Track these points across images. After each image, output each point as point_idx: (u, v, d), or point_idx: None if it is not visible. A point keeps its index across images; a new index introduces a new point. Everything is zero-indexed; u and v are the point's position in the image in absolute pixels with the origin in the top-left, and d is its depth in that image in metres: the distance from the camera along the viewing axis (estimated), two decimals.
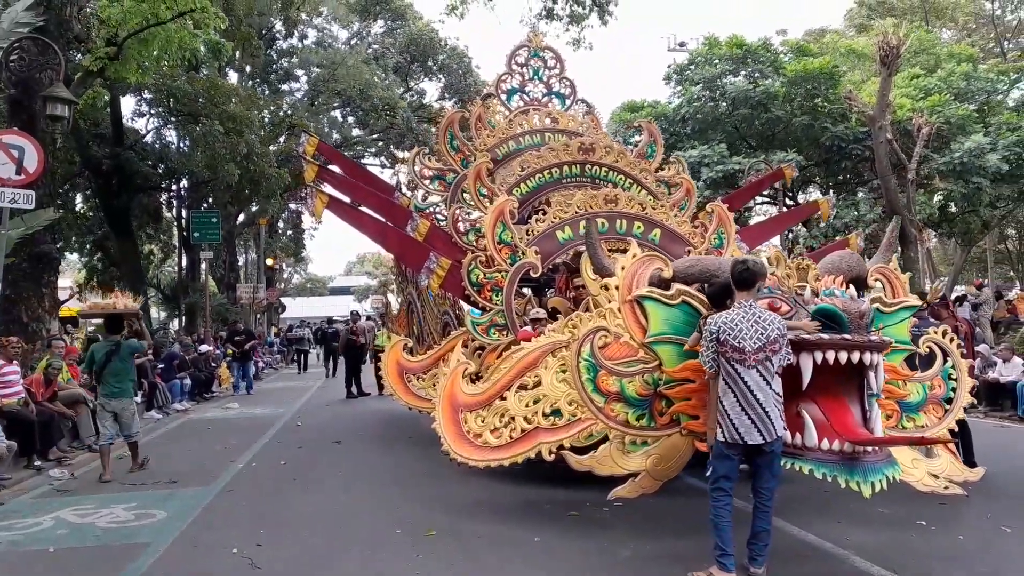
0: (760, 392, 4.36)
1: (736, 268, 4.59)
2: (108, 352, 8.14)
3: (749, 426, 4.36)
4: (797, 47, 24.09)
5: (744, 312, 4.49)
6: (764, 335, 4.38)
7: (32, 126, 11.60)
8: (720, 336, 4.46)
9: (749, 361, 4.37)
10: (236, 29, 19.42)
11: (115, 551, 5.37)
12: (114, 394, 8.13)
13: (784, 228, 17.59)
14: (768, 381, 4.38)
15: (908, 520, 5.75)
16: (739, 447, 4.42)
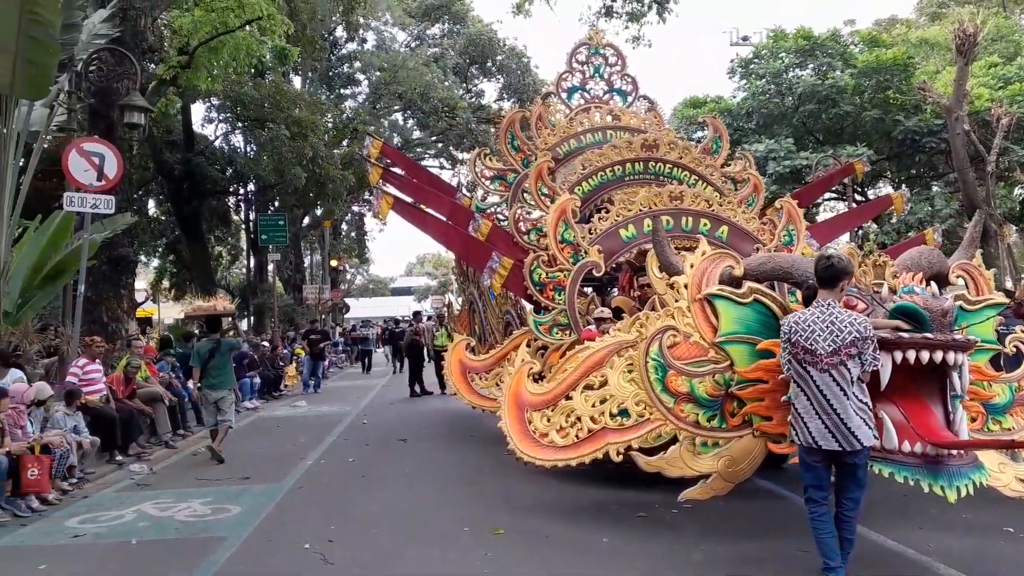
0: (834, 398, 4.13)
1: (820, 264, 4.35)
2: (211, 349, 9.08)
3: (823, 431, 4.16)
4: (868, 38, 23.34)
5: (820, 312, 4.26)
6: (839, 338, 4.13)
7: (110, 134, 12.09)
8: (791, 336, 4.28)
9: (821, 364, 4.15)
10: (300, 34, 19.85)
11: (193, 544, 5.53)
12: (215, 386, 9.04)
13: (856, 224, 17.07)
14: (843, 387, 4.13)
15: (994, 527, 5.49)
16: (818, 452, 4.21)
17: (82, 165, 9.62)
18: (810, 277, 5.31)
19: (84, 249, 9.55)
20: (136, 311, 16.48)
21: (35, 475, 6.75)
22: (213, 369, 9.02)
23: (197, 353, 9.28)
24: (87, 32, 10.58)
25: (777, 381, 5.18)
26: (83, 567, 5.17)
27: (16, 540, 5.89)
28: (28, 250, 9.63)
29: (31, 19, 7.63)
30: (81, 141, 10.07)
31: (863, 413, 4.15)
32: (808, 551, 4.99)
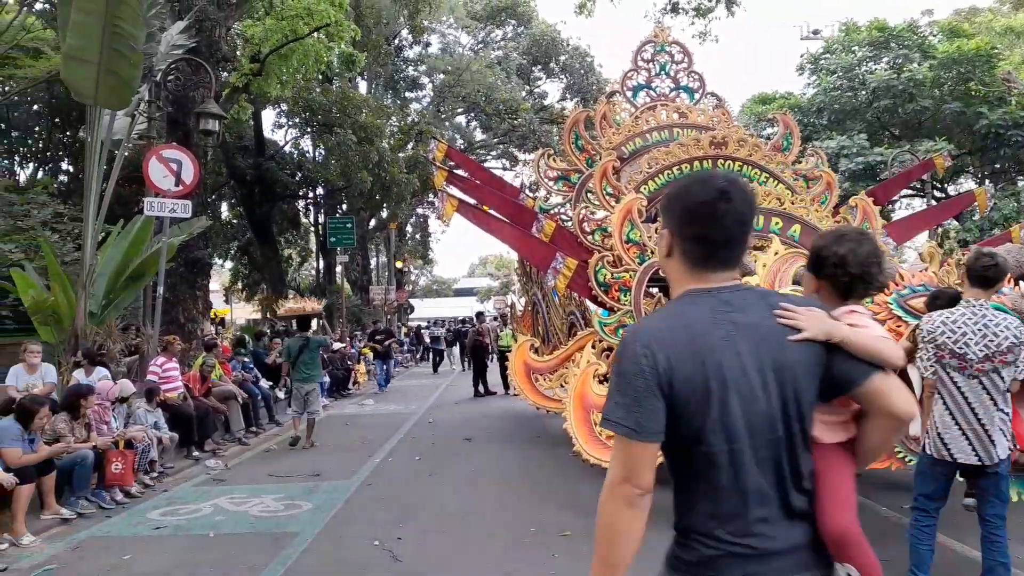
0: (980, 407, 3.79)
1: (980, 261, 3.86)
2: (300, 346, 9.94)
3: (961, 442, 3.84)
4: (948, 28, 22.41)
5: (971, 313, 3.84)
6: (993, 343, 3.74)
7: (187, 141, 12.53)
8: (937, 338, 3.87)
9: (971, 370, 3.79)
10: (367, 39, 20.22)
11: (267, 539, 5.68)
12: (304, 379, 9.86)
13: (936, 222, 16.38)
14: (993, 396, 3.79)
15: None
16: (946, 465, 3.92)
17: (161, 171, 9.99)
18: (888, 277, 5.14)
19: (163, 252, 9.91)
20: (211, 311, 17.05)
21: (119, 469, 7.04)
22: (303, 364, 9.85)
23: (288, 350, 10.19)
24: (165, 43, 10.98)
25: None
26: (164, 558, 5.36)
27: (102, 531, 6.15)
28: (111, 253, 10.05)
29: (114, 32, 7.96)
30: (160, 148, 10.47)
31: (1004, 425, 3.85)
32: (889, 560, 4.82)
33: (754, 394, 1.55)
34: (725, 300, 1.61)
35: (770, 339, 1.58)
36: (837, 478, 1.68)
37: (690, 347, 1.55)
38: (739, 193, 1.61)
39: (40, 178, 18.27)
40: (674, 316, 1.64)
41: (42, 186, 15.44)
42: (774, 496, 1.56)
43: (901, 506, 6.09)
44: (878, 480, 6.74)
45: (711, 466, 1.57)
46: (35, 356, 7.70)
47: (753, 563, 1.55)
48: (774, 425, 1.56)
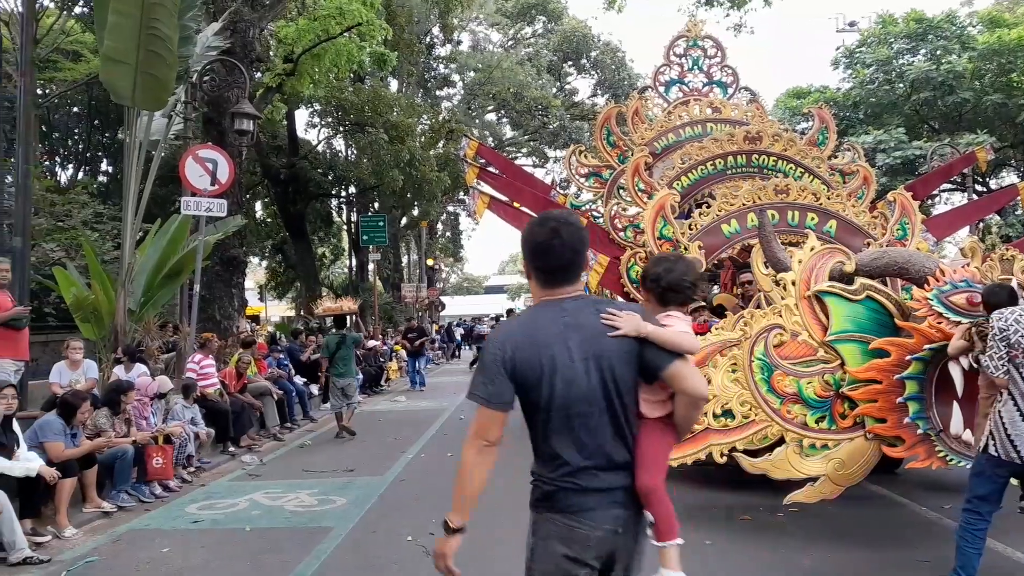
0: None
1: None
2: (337, 342, 10.57)
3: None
4: (989, 18, 21.86)
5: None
6: None
7: (222, 141, 12.71)
8: (1009, 336, 3.80)
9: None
10: (399, 38, 20.32)
11: (302, 533, 5.74)
12: (342, 374, 10.48)
13: (978, 217, 15.97)
14: None
15: None
16: (1011, 467, 3.84)
17: (197, 171, 10.14)
18: (929, 273, 5.03)
19: (199, 250, 10.06)
20: (246, 309, 17.29)
21: (160, 464, 7.17)
22: (339, 360, 10.42)
23: (326, 346, 10.76)
24: (200, 44, 11.13)
25: (892, 382, 4.94)
26: (201, 552, 5.44)
27: (142, 524, 6.27)
28: (149, 252, 10.22)
29: (150, 34, 8.08)
30: (196, 148, 10.62)
31: None
32: (929, 560, 4.73)
33: (577, 376, 2.10)
34: (564, 307, 2.17)
35: (595, 335, 2.12)
36: (654, 445, 2.22)
37: (531, 341, 2.13)
38: (568, 230, 2.15)
39: (80, 179, 18.69)
40: (526, 320, 2.28)
41: (82, 186, 15.80)
42: (597, 450, 2.13)
43: (941, 506, 5.98)
44: (919, 480, 6.62)
45: (547, 427, 2.16)
46: (78, 353, 7.86)
47: (577, 496, 2.13)
48: (595, 399, 2.11)
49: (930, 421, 4.95)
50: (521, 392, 2.15)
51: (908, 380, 4.92)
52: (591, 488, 2.13)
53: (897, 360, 4.93)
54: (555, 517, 2.18)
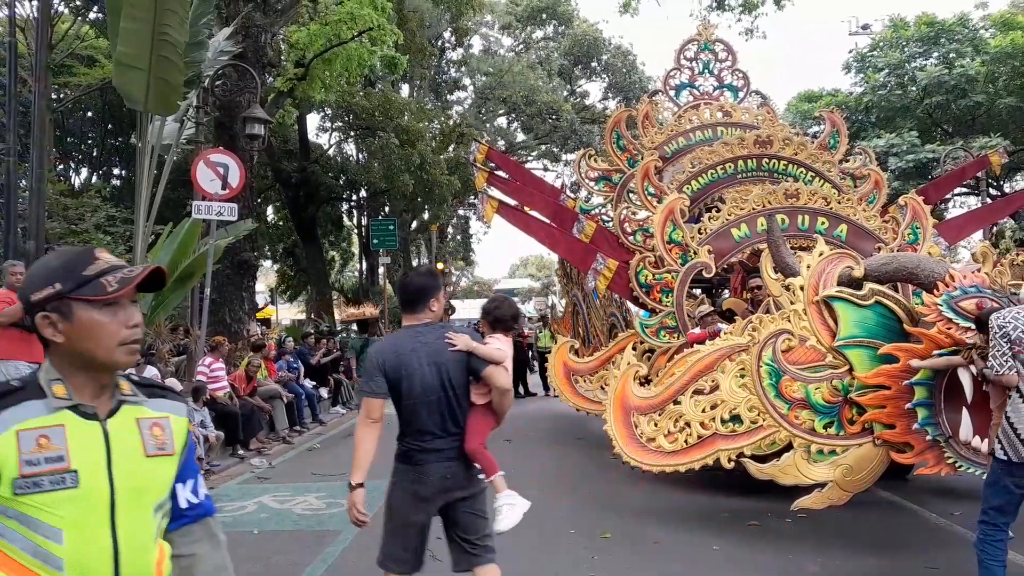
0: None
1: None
2: (362, 345, 11.60)
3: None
4: (1002, 21, 21.71)
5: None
6: None
7: (233, 145, 12.78)
8: (1010, 333, 3.72)
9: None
10: (410, 42, 20.38)
11: (310, 537, 5.75)
12: None
13: (991, 222, 15.86)
14: None
15: None
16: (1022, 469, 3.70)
17: (208, 175, 10.20)
18: (939, 278, 5.00)
19: (210, 254, 10.12)
20: (256, 312, 17.37)
21: None
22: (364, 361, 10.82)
23: (352, 348, 11.92)
24: (212, 49, 11.22)
25: (901, 387, 4.91)
26: None
27: None
28: (161, 255, 10.31)
29: (162, 39, 8.16)
30: (208, 152, 10.69)
31: None
32: (938, 568, 4.69)
33: (425, 377, 3.14)
34: (418, 331, 3.25)
35: (437, 350, 3.17)
36: (478, 422, 3.28)
37: (396, 353, 3.20)
38: (416, 278, 3.40)
39: (94, 182, 18.87)
40: (393, 338, 3.57)
41: (95, 190, 15.94)
42: (438, 425, 3.18)
43: (951, 512, 5.93)
44: (929, 486, 6.57)
45: (407, 410, 3.20)
46: None
47: (421, 454, 3.21)
48: (436, 391, 3.15)
49: (939, 427, 4.90)
50: (390, 386, 3.17)
51: (917, 386, 4.88)
52: (430, 449, 3.20)
53: (906, 366, 4.90)
54: (407, 468, 3.26)
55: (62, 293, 1.46)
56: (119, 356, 1.49)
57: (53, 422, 1.43)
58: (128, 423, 1.52)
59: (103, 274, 1.48)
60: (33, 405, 1.45)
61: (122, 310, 1.50)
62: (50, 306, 1.47)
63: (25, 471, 1.38)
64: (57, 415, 1.45)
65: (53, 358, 1.52)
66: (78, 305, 1.47)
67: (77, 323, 1.47)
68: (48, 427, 1.42)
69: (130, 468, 1.48)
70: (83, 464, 1.42)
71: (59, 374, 1.49)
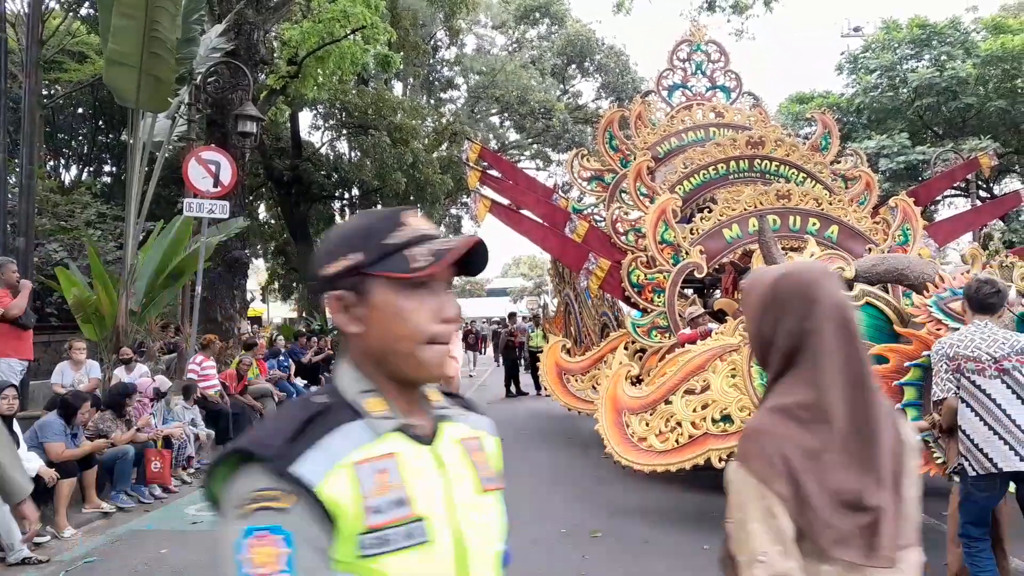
0: (1010, 406, 3.60)
1: (983, 290, 3.81)
2: None
3: (1002, 448, 3.60)
4: (993, 24, 21.85)
5: (977, 329, 3.78)
6: (1006, 346, 3.65)
7: (225, 142, 12.74)
8: (948, 351, 3.77)
9: (990, 371, 3.65)
10: (403, 40, 20.34)
11: None
12: None
13: (980, 224, 15.97)
14: (1020, 396, 3.60)
15: None
16: (994, 479, 3.66)
17: (200, 172, 10.17)
18: (928, 279, 5.03)
19: (201, 252, 10.08)
20: (247, 311, 17.32)
21: (158, 468, 7.19)
22: None
23: None
24: (204, 46, 11.17)
25: (890, 388, 4.93)
26: (200, 552, 5.45)
27: (141, 525, 6.28)
28: (152, 253, 10.25)
29: (152, 36, 8.12)
30: (200, 150, 10.66)
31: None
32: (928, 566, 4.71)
33: None
34: None
35: None
36: None
37: None
38: None
39: (84, 179, 18.76)
40: None
41: (86, 187, 15.85)
42: None
43: (940, 512, 5.95)
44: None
45: None
46: (81, 353, 7.88)
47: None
48: None
49: None
50: None
51: (907, 386, 4.91)
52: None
53: (896, 366, 4.93)
54: None
55: (361, 266, 1.08)
56: (425, 360, 1.08)
57: (384, 451, 1.04)
58: (454, 447, 1.14)
59: (410, 244, 1.08)
60: (353, 428, 1.04)
61: (432, 296, 1.09)
62: (346, 283, 1.09)
63: (371, 521, 0.98)
64: (385, 440, 1.05)
65: (354, 356, 1.12)
66: (377, 284, 1.08)
67: (375, 308, 1.08)
68: (380, 458, 1.03)
69: (472, 510, 1.12)
70: (427, 508, 1.03)
71: (371, 382, 1.10)
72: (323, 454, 0.99)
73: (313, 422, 1.02)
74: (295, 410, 1.07)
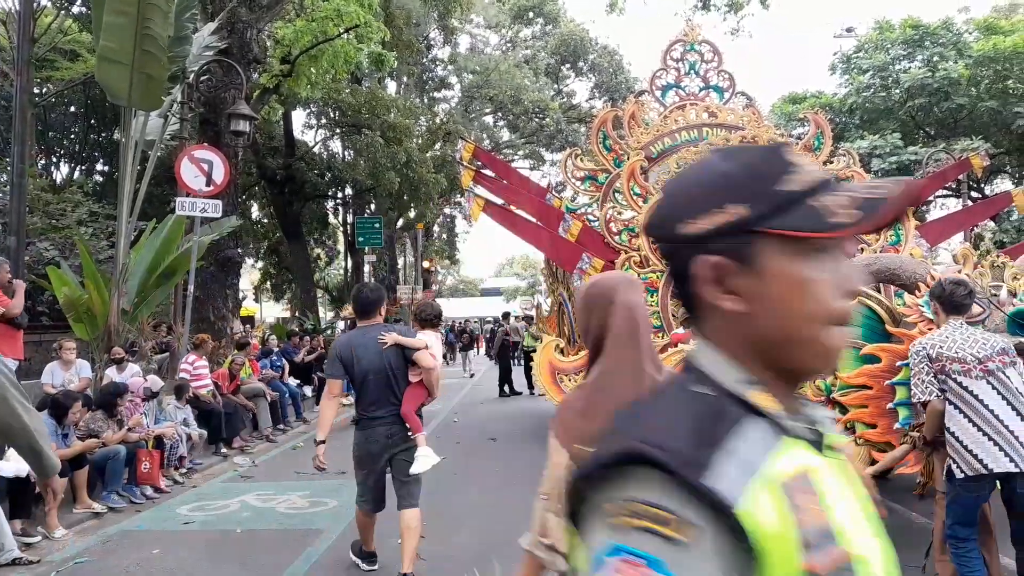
0: (997, 407, 3.58)
1: (956, 292, 3.83)
2: None
3: (991, 449, 3.57)
4: (985, 25, 21.96)
5: (952, 330, 3.79)
6: (986, 347, 3.66)
7: (218, 141, 12.69)
8: (931, 352, 3.75)
9: (975, 372, 3.65)
10: (397, 39, 20.31)
11: (293, 535, 5.73)
12: None
13: (971, 224, 16.02)
14: (1005, 396, 3.60)
15: None
16: (983, 480, 3.64)
17: (193, 171, 10.12)
18: (920, 279, 5.05)
19: (194, 251, 10.04)
20: (240, 310, 17.26)
21: (147, 469, 7.16)
22: None
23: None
24: (197, 45, 11.12)
25: (882, 387, 4.95)
26: (192, 553, 5.43)
27: (132, 525, 6.26)
28: (144, 252, 10.21)
29: (144, 34, 8.08)
30: (192, 148, 10.61)
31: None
32: (917, 565, 4.73)
33: (372, 362, 4.49)
34: (368, 330, 4.60)
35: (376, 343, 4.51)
36: (412, 394, 4.56)
37: (349, 346, 4.58)
38: (369, 292, 4.78)
39: (76, 178, 18.66)
40: (349, 335, 5.00)
41: (77, 186, 15.76)
42: (383, 397, 4.51)
43: (932, 511, 5.98)
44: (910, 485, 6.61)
45: (359, 387, 4.56)
46: (71, 353, 7.85)
47: (368, 420, 4.54)
48: (380, 372, 4.49)
49: None
50: (346, 370, 4.52)
51: (898, 386, 4.92)
52: (375, 417, 4.52)
53: (888, 366, 4.94)
54: (361, 431, 4.56)
55: (748, 222, 0.81)
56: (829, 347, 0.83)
57: (803, 461, 0.79)
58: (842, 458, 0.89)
59: (815, 191, 0.82)
60: (754, 429, 0.78)
61: (833, 261, 0.83)
62: (722, 243, 0.82)
63: (808, 561, 0.72)
64: (793, 446, 0.79)
65: (726, 340, 0.85)
66: (770, 245, 0.81)
67: (767, 279, 0.81)
68: (800, 472, 0.77)
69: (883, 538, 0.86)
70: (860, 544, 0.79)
71: (751, 373, 0.83)
72: (736, 462, 0.73)
73: (709, 417, 0.78)
74: (675, 400, 0.83)
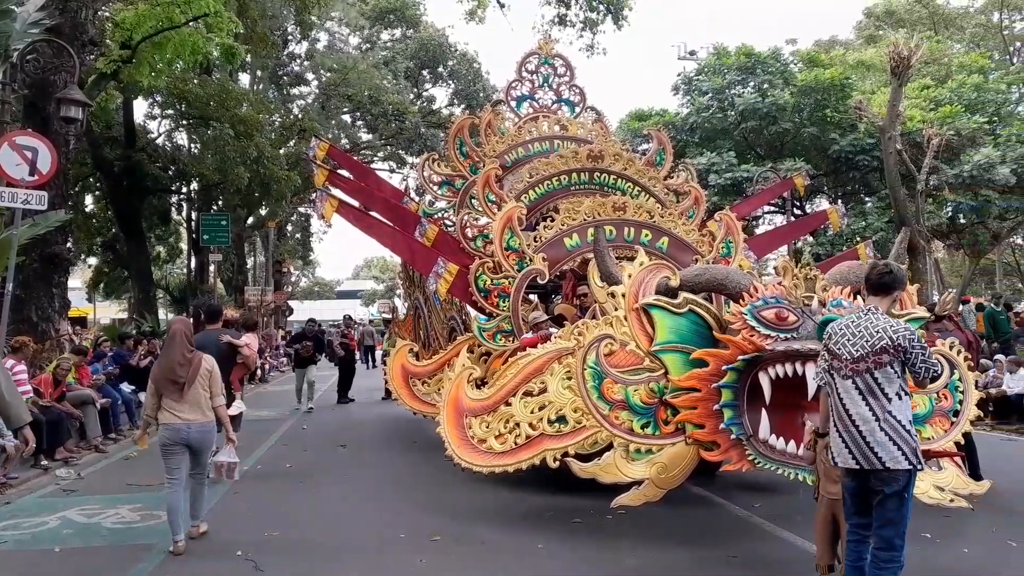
0: (853, 407, 3.70)
1: (876, 270, 3.90)
2: None
3: (840, 445, 3.75)
4: (808, 58, 24.09)
5: (857, 317, 3.85)
6: (868, 343, 3.69)
7: (46, 128, 11.69)
8: (827, 343, 3.90)
9: (845, 370, 3.75)
10: (251, 31, 19.49)
11: (121, 552, 5.40)
12: None
13: (793, 237, 17.56)
14: (866, 397, 3.67)
15: (913, 533, 5.67)
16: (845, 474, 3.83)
17: (14, 159, 9.28)
18: (744, 289, 5.49)
19: (12, 245, 9.21)
20: (68, 310, 15.94)
21: None
22: None
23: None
24: (22, 21, 10.21)
25: (710, 390, 5.33)
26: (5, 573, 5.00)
27: None
28: None
29: None
30: (14, 134, 9.72)
31: (895, 432, 3.63)
32: (737, 555, 5.15)
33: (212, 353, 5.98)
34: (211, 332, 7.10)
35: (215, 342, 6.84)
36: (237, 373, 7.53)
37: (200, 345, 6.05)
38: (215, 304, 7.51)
39: None
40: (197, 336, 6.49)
41: None
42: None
43: (752, 504, 6.52)
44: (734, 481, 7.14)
45: None
46: None
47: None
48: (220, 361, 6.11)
49: (742, 427, 5.33)
50: None
51: (724, 388, 5.30)
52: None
53: (714, 370, 5.31)
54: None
55: None
56: None
57: None
58: None
59: None
60: None
61: None
62: None
63: None
64: None
65: None
66: None
67: None
68: None
69: None
70: None
71: None
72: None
73: None
74: None
